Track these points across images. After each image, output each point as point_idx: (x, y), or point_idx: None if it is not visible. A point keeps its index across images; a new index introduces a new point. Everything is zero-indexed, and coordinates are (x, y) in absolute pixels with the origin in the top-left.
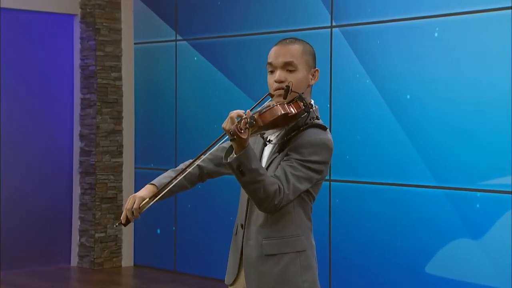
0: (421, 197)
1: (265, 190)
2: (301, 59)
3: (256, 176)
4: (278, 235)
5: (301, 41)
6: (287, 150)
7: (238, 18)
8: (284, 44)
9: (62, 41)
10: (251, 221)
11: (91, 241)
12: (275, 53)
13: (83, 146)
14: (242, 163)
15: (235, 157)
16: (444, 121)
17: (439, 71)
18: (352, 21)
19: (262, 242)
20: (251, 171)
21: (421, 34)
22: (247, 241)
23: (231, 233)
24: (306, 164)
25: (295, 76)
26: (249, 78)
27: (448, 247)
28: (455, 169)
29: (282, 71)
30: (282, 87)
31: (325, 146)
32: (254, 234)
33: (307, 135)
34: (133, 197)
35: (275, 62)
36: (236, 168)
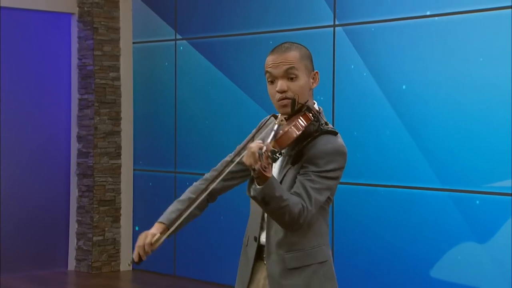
0: (425, 200)
1: (290, 213)
2: (300, 64)
3: (281, 203)
4: (300, 248)
5: (296, 45)
6: (301, 162)
7: (239, 17)
8: (281, 53)
9: (59, 40)
10: (270, 235)
11: (89, 245)
12: (273, 62)
13: (80, 148)
14: (267, 194)
15: (260, 189)
16: (450, 122)
17: (444, 71)
18: (355, 20)
19: (285, 256)
20: (276, 199)
21: (425, 33)
22: (269, 256)
23: (232, 237)
24: (323, 174)
25: (297, 84)
26: (250, 78)
27: (453, 250)
28: (460, 171)
29: (283, 80)
30: (286, 96)
31: (340, 152)
32: (275, 248)
33: (319, 144)
34: (144, 234)
35: (275, 72)
36: (261, 200)
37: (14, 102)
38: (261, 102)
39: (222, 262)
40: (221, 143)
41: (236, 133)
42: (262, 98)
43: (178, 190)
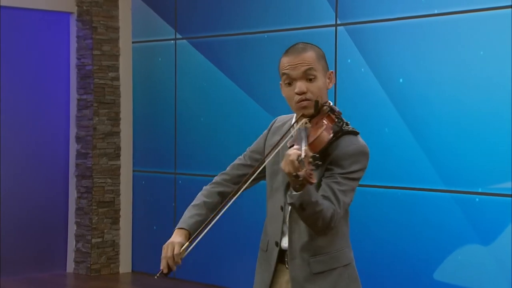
0: (429, 201)
1: (324, 218)
2: (318, 65)
3: (316, 208)
4: (325, 251)
5: (311, 46)
6: (326, 164)
7: (240, 16)
8: (297, 54)
9: (58, 39)
10: (293, 239)
11: (88, 247)
12: (290, 63)
13: (79, 149)
14: (304, 200)
15: (298, 195)
16: (453, 122)
17: (447, 71)
18: (357, 19)
19: (310, 261)
20: (312, 204)
21: (427, 32)
22: (292, 261)
23: (233, 239)
24: (349, 176)
25: (316, 85)
26: (251, 78)
27: (457, 252)
28: (464, 172)
29: (302, 82)
30: (306, 98)
31: (363, 153)
32: (299, 252)
33: (343, 145)
34: (171, 244)
35: (293, 73)
36: (298, 206)
37: (12, 102)
38: (261, 102)
39: (223, 265)
40: (221, 143)
41: (236, 133)
42: (262, 98)
43: (178, 191)
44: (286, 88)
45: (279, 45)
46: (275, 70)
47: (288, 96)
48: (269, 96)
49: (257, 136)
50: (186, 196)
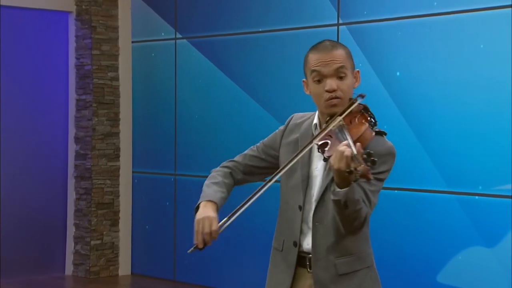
0: (432, 203)
1: (360, 218)
2: (348, 63)
3: (356, 206)
4: (350, 252)
5: (340, 44)
6: None
7: (241, 15)
8: (328, 51)
9: (57, 39)
10: (317, 240)
11: (87, 249)
12: (322, 60)
13: (78, 150)
14: (349, 198)
15: (344, 192)
16: (457, 122)
17: (450, 71)
18: (360, 19)
19: (336, 262)
20: (354, 202)
21: (431, 32)
22: (316, 263)
23: (233, 241)
24: (378, 176)
25: (346, 83)
26: (252, 78)
27: (460, 255)
28: (467, 173)
29: (333, 79)
30: (336, 96)
31: (391, 154)
32: (324, 254)
33: (372, 145)
34: (208, 219)
35: (325, 70)
36: (343, 203)
37: (10, 103)
38: (262, 102)
39: (223, 267)
40: (222, 144)
41: (237, 134)
42: (263, 98)
43: (178, 192)
44: (314, 85)
45: (280, 45)
46: (276, 70)
47: (316, 93)
48: (270, 96)
49: (258, 136)
50: (186, 197)
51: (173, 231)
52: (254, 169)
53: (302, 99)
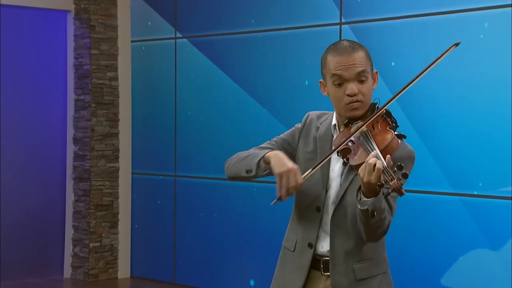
0: (436, 205)
1: (383, 226)
2: (368, 65)
3: (382, 215)
4: (368, 257)
5: (359, 45)
6: None
7: (242, 14)
8: (349, 54)
9: (55, 38)
10: (335, 244)
11: (85, 251)
12: (343, 64)
13: (77, 150)
14: (376, 207)
15: (372, 202)
16: (461, 123)
17: (455, 71)
18: (363, 18)
19: (354, 267)
20: (381, 211)
21: (435, 31)
22: (334, 267)
23: (233, 243)
24: None
25: (366, 86)
26: (254, 78)
27: (465, 257)
28: (472, 175)
29: (354, 83)
30: (357, 99)
31: (412, 158)
32: (343, 258)
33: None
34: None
35: (346, 74)
36: (370, 213)
37: (8, 103)
38: (264, 103)
39: (223, 270)
40: (223, 145)
41: (238, 135)
42: (265, 98)
43: (178, 194)
44: (334, 88)
45: (282, 44)
46: (278, 69)
47: (336, 97)
48: (271, 96)
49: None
50: (187, 199)
51: (173, 233)
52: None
53: (304, 99)
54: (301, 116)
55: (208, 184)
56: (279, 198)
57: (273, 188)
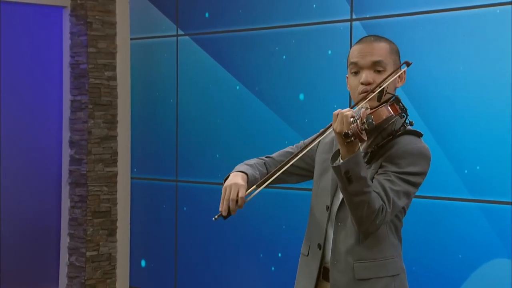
0: (452, 212)
1: (370, 205)
2: (390, 58)
3: (364, 187)
4: (371, 257)
5: (385, 39)
6: (381, 161)
7: (247, 10)
8: (369, 42)
9: (50, 36)
10: (338, 241)
11: (82, 261)
12: (360, 51)
13: (73, 154)
14: (351, 169)
15: (345, 161)
16: (480, 125)
17: (473, 70)
18: (375, 14)
19: (354, 265)
20: (360, 179)
21: (452, 28)
22: (334, 265)
23: (238, 253)
24: (404, 177)
25: (383, 77)
26: (259, 78)
27: (484, 267)
28: (492, 180)
29: (370, 72)
30: (370, 89)
31: (423, 155)
32: (343, 256)
33: (402, 143)
34: (234, 185)
35: (362, 61)
36: (344, 173)
37: (0, 104)
38: (270, 104)
39: (226, 280)
40: (227, 148)
41: (243, 138)
42: (271, 99)
43: (180, 200)
44: (352, 78)
45: (289, 42)
46: (285, 69)
47: (352, 86)
48: (279, 97)
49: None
50: (189, 205)
51: (175, 241)
52: (292, 169)
53: (312, 100)
54: (309, 117)
55: (212, 190)
56: (220, 213)
57: (279, 194)
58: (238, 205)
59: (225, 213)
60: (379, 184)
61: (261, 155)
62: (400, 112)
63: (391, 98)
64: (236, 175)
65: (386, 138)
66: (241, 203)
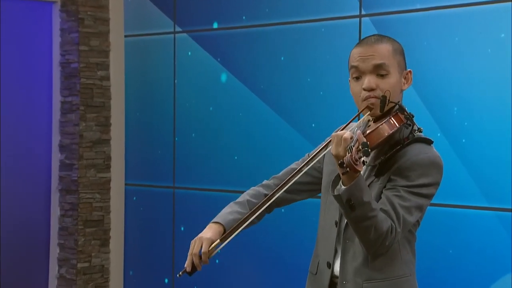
0: (468, 220)
1: (377, 229)
2: (393, 60)
3: (368, 212)
4: (382, 277)
5: (388, 38)
6: (389, 174)
7: (249, 6)
8: (371, 44)
9: (39, 33)
10: (346, 260)
11: (73, 273)
12: (361, 55)
13: (63, 159)
14: (353, 196)
15: (345, 188)
16: (497, 129)
17: (490, 70)
18: (385, 9)
19: (363, 286)
20: (363, 205)
21: (466, 24)
22: (343, 285)
23: (238, 264)
24: (415, 190)
25: (387, 82)
26: (263, 78)
27: (502, 280)
28: (510, 187)
29: (372, 76)
30: (374, 95)
31: (435, 165)
32: (352, 275)
33: (411, 153)
34: (199, 239)
35: (363, 66)
36: (345, 202)
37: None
38: (274, 106)
39: None
40: (227, 153)
41: (245, 141)
42: (275, 101)
43: (177, 208)
44: (353, 83)
45: (294, 39)
46: (290, 68)
47: (354, 92)
48: (283, 99)
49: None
50: (186, 213)
51: (172, 252)
52: (298, 186)
53: (319, 101)
54: (315, 120)
55: (211, 197)
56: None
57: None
58: (202, 261)
59: (188, 269)
60: (387, 201)
61: (265, 160)
62: (405, 121)
63: (394, 107)
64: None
65: (394, 147)
66: (204, 258)
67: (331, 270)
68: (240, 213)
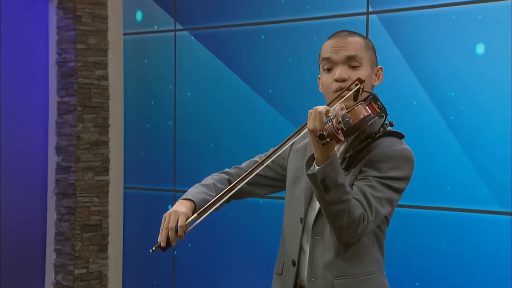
0: (481, 225)
1: (350, 213)
2: (365, 53)
3: (342, 194)
4: (352, 273)
5: (360, 34)
6: (360, 166)
7: (250, 3)
8: (343, 36)
9: (35, 31)
10: (315, 255)
11: (70, 279)
12: (333, 46)
13: (60, 161)
14: (328, 176)
15: (321, 167)
16: (509, 131)
17: (503, 69)
18: (392, 7)
19: (334, 282)
20: (338, 186)
21: (477, 21)
22: (311, 282)
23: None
24: (386, 182)
25: (359, 74)
26: (265, 76)
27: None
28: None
29: (344, 67)
30: (345, 87)
31: (407, 158)
32: (321, 271)
33: (382, 146)
34: (175, 213)
35: (335, 57)
36: (320, 181)
37: None
38: (276, 104)
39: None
40: (229, 154)
41: (247, 142)
42: (277, 99)
43: None
44: (324, 75)
45: (298, 37)
46: (294, 67)
47: (325, 83)
48: (285, 97)
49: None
50: None
51: (172, 258)
52: (259, 179)
53: (323, 100)
54: None
55: None
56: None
57: (279, 204)
58: (178, 235)
59: (163, 244)
60: (359, 190)
61: None
62: (378, 111)
63: (368, 97)
64: (180, 203)
65: (365, 141)
66: (180, 232)
67: (296, 269)
68: (209, 195)
